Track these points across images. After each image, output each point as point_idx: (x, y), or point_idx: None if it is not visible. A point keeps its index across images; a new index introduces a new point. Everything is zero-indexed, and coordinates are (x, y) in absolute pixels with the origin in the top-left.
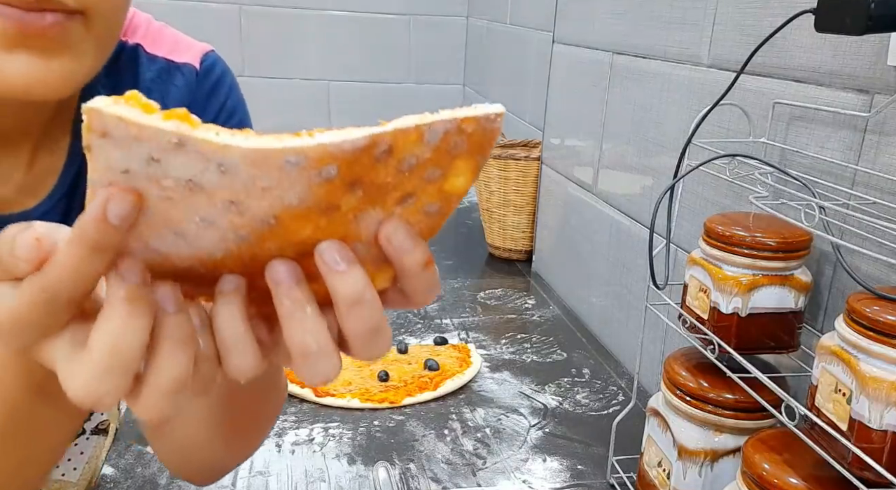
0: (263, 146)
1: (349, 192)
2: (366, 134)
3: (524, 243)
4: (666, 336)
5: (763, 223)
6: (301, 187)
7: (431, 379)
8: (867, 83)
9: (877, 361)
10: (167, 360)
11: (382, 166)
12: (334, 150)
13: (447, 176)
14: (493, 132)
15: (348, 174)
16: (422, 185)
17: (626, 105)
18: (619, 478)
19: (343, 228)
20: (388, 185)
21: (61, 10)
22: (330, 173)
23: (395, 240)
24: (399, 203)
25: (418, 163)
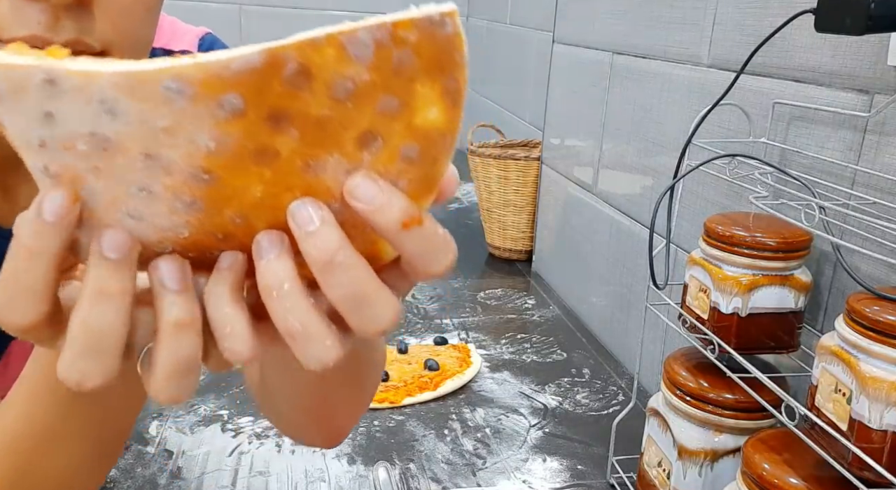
0: (131, 69)
1: (278, 130)
2: (260, 49)
3: (524, 243)
4: (666, 336)
5: (763, 223)
6: (207, 124)
7: (431, 379)
8: (867, 83)
9: (877, 361)
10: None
11: (306, 93)
12: (222, 72)
13: (411, 107)
14: (448, 41)
15: (261, 104)
16: (381, 120)
17: (626, 105)
18: (619, 478)
19: (302, 182)
20: (331, 119)
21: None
22: (234, 104)
23: (358, 193)
24: (362, 147)
25: (357, 87)
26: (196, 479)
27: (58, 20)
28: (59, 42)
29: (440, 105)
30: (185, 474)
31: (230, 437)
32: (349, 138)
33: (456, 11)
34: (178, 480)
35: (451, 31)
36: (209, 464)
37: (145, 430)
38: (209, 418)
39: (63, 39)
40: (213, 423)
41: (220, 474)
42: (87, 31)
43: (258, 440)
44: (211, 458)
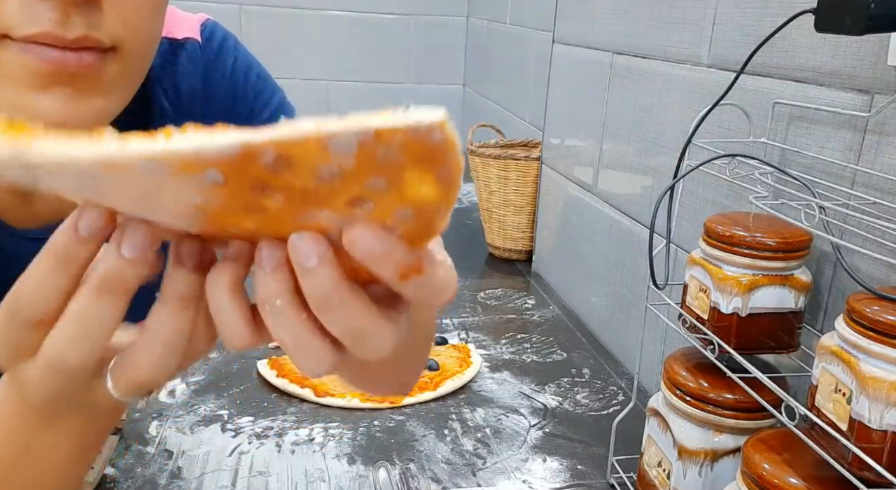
0: (107, 155)
1: (263, 195)
2: (234, 141)
3: (524, 243)
4: (666, 336)
5: (763, 223)
6: (190, 189)
7: (431, 379)
8: (867, 83)
9: (877, 361)
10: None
11: (289, 174)
12: (199, 156)
13: (400, 186)
14: (438, 146)
15: (242, 179)
16: (371, 192)
17: (626, 105)
18: (619, 478)
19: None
20: (317, 189)
21: (97, 47)
22: (215, 177)
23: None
24: (353, 207)
25: (343, 172)
26: (196, 479)
27: (68, 17)
28: (68, 38)
29: (432, 185)
30: (185, 474)
31: (230, 437)
32: (341, 200)
33: (445, 122)
34: (178, 480)
35: (441, 139)
36: (209, 464)
37: (145, 430)
38: (209, 418)
39: (73, 35)
40: (213, 423)
41: (220, 474)
42: (96, 26)
43: (258, 440)
44: (211, 458)
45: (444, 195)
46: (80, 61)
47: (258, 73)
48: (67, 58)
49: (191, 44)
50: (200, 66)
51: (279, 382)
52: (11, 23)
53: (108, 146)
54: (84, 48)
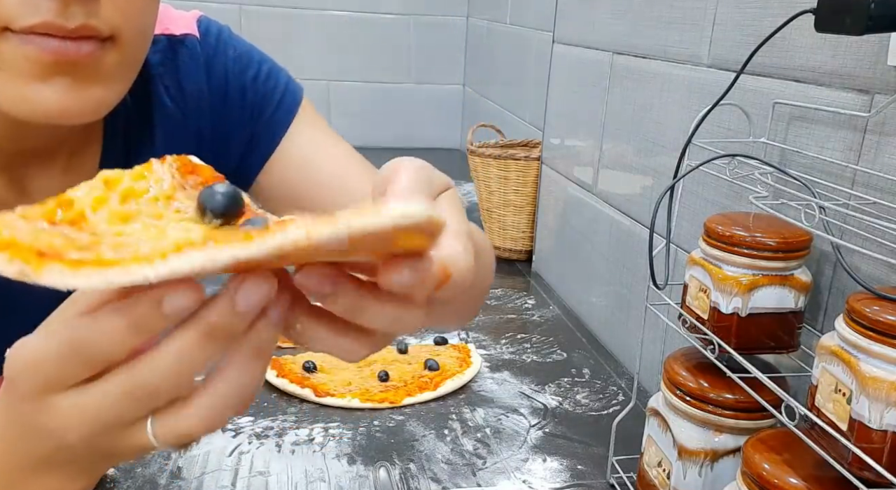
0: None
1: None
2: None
3: (524, 243)
4: (666, 336)
5: (763, 223)
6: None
7: (431, 379)
8: (867, 83)
9: (877, 361)
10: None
11: (294, 259)
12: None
13: (393, 249)
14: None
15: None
16: (370, 255)
17: (626, 105)
18: (619, 478)
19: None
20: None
21: (96, 36)
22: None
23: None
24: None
25: (342, 253)
26: (196, 479)
27: (67, 7)
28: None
29: (420, 242)
30: (185, 474)
31: (230, 437)
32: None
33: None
34: (178, 480)
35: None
36: (209, 464)
37: None
38: None
39: (73, 25)
40: None
41: (220, 474)
42: (94, 15)
43: (258, 440)
44: (211, 458)
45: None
46: (80, 51)
47: (260, 59)
48: (67, 47)
49: (190, 40)
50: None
51: (279, 382)
52: (12, 14)
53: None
54: (83, 38)
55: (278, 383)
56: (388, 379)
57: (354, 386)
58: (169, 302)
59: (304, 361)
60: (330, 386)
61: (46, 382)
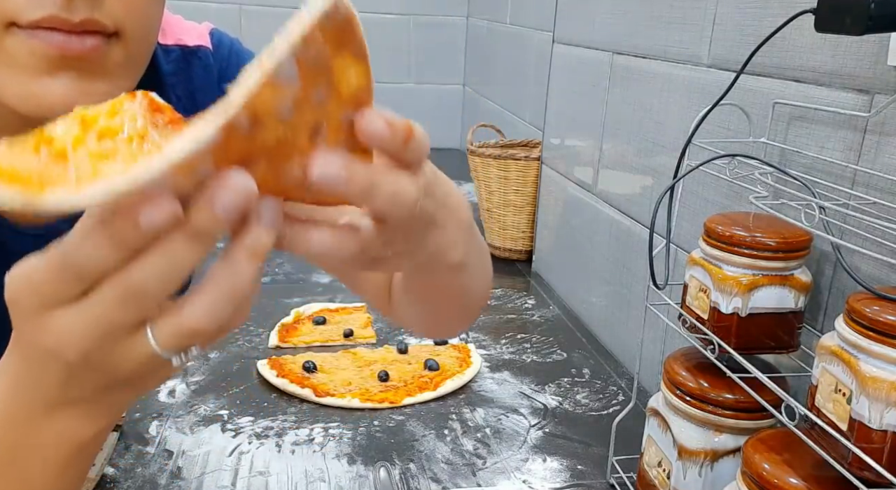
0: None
1: (250, 165)
2: (216, 127)
3: (524, 243)
4: (666, 336)
5: (763, 223)
6: (190, 183)
7: (431, 379)
8: (867, 83)
9: (877, 361)
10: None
11: (261, 132)
12: (191, 159)
13: (335, 84)
14: (345, 20)
15: (229, 157)
16: (319, 111)
17: (626, 105)
18: (619, 478)
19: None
20: (286, 136)
21: (101, 31)
22: (207, 169)
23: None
24: (314, 140)
25: (296, 102)
26: (196, 479)
27: (71, 1)
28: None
29: (354, 65)
30: (185, 474)
31: (230, 437)
32: (303, 138)
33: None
34: (178, 480)
35: (345, 12)
36: (209, 464)
37: (145, 431)
38: (209, 418)
39: (78, 18)
40: (213, 423)
41: (220, 474)
42: (98, 9)
43: (258, 440)
44: (211, 458)
45: (365, 74)
46: (84, 45)
47: None
48: (72, 42)
49: (203, 51)
50: (215, 74)
51: (279, 382)
52: (18, 9)
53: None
54: (88, 32)
55: (278, 383)
56: (388, 379)
57: (354, 386)
58: (145, 216)
59: (304, 361)
60: (330, 386)
61: (42, 299)
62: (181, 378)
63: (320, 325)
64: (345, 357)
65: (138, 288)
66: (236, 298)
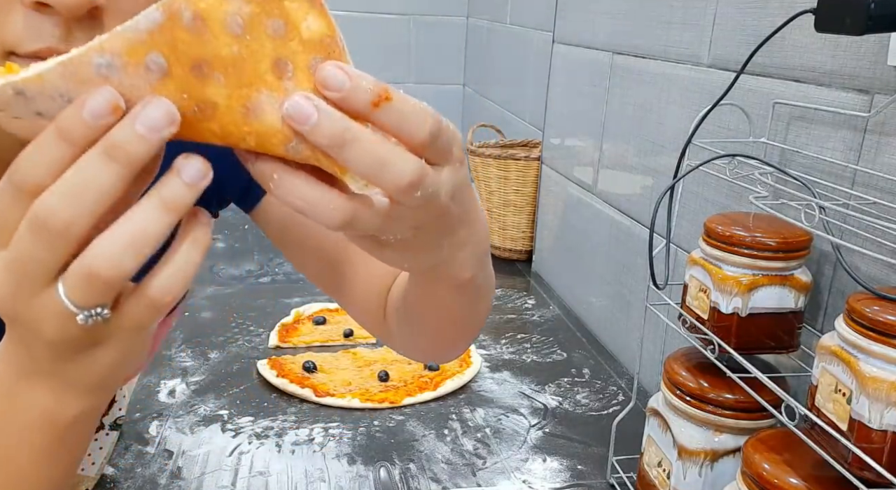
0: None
1: (204, 78)
2: (157, 6)
3: (524, 243)
4: (666, 336)
5: (763, 223)
6: (144, 89)
7: (431, 379)
8: (867, 83)
9: (877, 361)
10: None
11: (209, 36)
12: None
13: (293, 23)
14: None
15: (179, 57)
16: (279, 44)
17: (626, 105)
18: (619, 478)
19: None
20: (241, 55)
21: None
22: (159, 63)
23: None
24: (280, 76)
25: (245, 20)
26: (196, 479)
27: (70, 32)
28: None
29: (312, 12)
30: (185, 474)
31: (230, 437)
32: (265, 70)
33: None
34: (178, 480)
35: None
36: (209, 464)
37: (145, 431)
38: (209, 418)
39: None
40: (213, 423)
41: (220, 474)
42: None
43: (258, 440)
44: (211, 458)
45: (328, 24)
46: None
47: None
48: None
49: None
50: None
51: (279, 382)
52: (16, 39)
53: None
54: None
55: (278, 383)
56: (388, 379)
57: (354, 386)
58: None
59: (304, 361)
60: (330, 386)
61: None
62: (181, 378)
63: (320, 325)
64: (345, 357)
65: (48, 214)
66: (137, 245)
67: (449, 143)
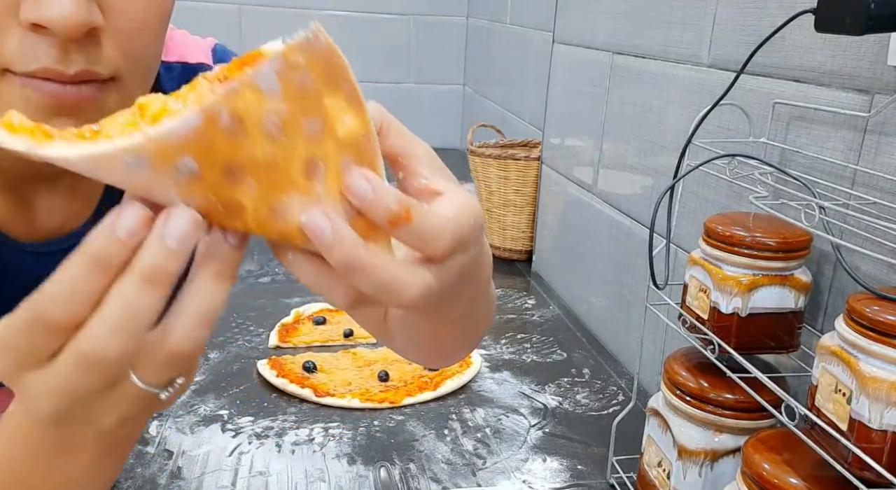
0: (94, 152)
1: (235, 182)
2: (195, 111)
3: (524, 243)
4: (666, 336)
5: (763, 223)
6: (172, 189)
7: (431, 379)
8: (867, 83)
9: (877, 361)
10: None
11: (245, 138)
12: (170, 140)
13: (330, 122)
14: (328, 52)
15: (213, 162)
16: (314, 144)
17: (626, 105)
18: (619, 478)
19: (276, 230)
20: (275, 158)
21: (96, 80)
22: (191, 167)
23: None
24: (310, 176)
25: (282, 120)
26: (196, 479)
27: (67, 53)
28: (69, 74)
29: (349, 111)
30: (185, 474)
31: (230, 437)
32: (296, 171)
33: (319, 25)
34: (178, 480)
35: (325, 43)
36: (209, 464)
37: (145, 431)
38: (209, 418)
39: (73, 71)
40: (213, 423)
41: (220, 474)
42: (95, 61)
43: (258, 440)
44: (211, 458)
45: (363, 122)
46: (80, 94)
47: None
48: (67, 91)
49: (204, 68)
50: None
51: (279, 382)
52: (12, 58)
53: (98, 146)
54: (84, 81)
55: (278, 383)
56: (388, 379)
57: (354, 386)
58: (121, 225)
59: (304, 361)
60: (330, 386)
61: (17, 358)
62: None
63: (320, 325)
64: (345, 357)
65: (100, 352)
66: (205, 319)
67: (466, 245)
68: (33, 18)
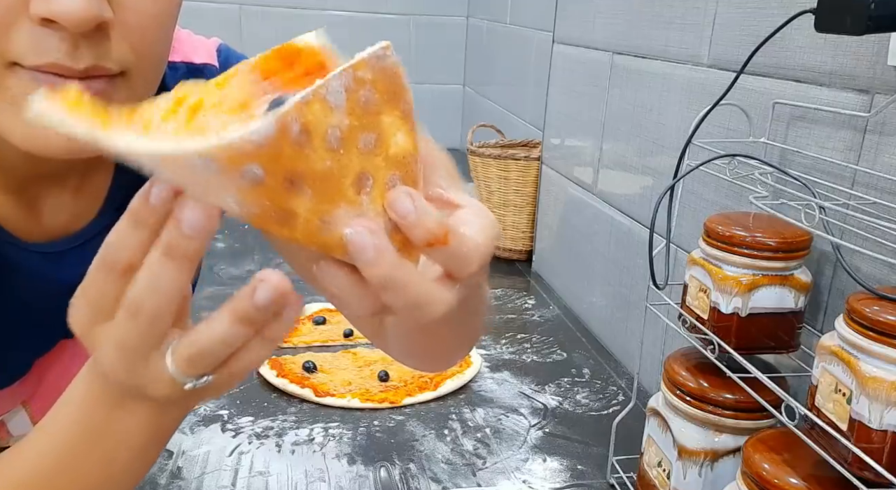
0: (166, 152)
1: (294, 192)
2: (271, 120)
3: (524, 243)
4: (666, 336)
5: (763, 223)
6: (232, 192)
7: (431, 379)
8: (867, 83)
9: (877, 361)
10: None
11: (309, 150)
12: (244, 146)
13: (384, 138)
14: (393, 71)
15: (277, 170)
16: (367, 159)
17: (626, 105)
18: (619, 478)
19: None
20: (332, 171)
21: (104, 75)
22: (256, 174)
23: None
24: (359, 190)
25: (343, 133)
26: (196, 479)
27: (77, 48)
28: (78, 69)
29: (403, 128)
30: (185, 474)
31: (230, 437)
32: (348, 185)
33: (389, 44)
34: (178, 480)
35: (392, 61)
36: (209, 464)
37: None
38: (209, 418)
39: (82, 66)
40: (213, 423)
41: (220, 474)
42: (104, 56)
43: (258, 440)
44: (211, 458)
45: (413, 142)
46: (89, 89)
47: None
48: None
49: (209, 69)
50: None
51: (279, 382)
52: (21, 52)
53: (158, 146)
54: (92, 77)
55: (278, 383)
56: (388, 379)
57: (354, 386)
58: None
59: (304, 361)
60: (330, 386)
61: (91, 310)
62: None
63: (320, 325)
64: (345, 357)
65: (137, 306)
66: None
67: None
68: (43, 13)
